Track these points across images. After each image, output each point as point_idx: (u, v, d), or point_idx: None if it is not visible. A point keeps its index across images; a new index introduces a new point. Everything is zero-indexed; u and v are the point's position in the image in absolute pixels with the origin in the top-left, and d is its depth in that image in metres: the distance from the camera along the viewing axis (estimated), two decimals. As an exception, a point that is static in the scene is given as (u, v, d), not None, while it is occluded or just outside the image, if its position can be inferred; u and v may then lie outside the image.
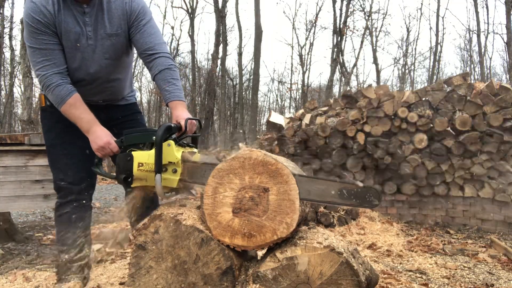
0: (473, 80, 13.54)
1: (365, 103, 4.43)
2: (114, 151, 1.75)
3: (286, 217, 1.35)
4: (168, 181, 1.58)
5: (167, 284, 1.43)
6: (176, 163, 1.57)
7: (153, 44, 1.87)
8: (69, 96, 1.77)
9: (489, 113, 4.11)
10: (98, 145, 1.74)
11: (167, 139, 1.59)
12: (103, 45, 1.86)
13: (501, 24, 30.79)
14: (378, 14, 26.19)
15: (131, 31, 1.90)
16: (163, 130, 1.57)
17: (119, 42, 1.89)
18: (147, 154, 1.60)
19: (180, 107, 1.81)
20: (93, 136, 1.76)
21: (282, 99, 30.81)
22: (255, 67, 15.87)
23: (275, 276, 1.35)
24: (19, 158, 3.17)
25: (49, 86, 1.77)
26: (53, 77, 1.76)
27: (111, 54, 1.90)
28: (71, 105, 1.78)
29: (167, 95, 1.83)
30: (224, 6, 19.41)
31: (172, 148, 1.58)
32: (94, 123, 1.79)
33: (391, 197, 4.57)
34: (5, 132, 17.24)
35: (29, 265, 2.82)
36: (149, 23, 1.91)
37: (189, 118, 1.71)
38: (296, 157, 4.62)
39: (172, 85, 1.83)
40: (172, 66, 1.88)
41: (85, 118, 1.79)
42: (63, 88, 1.77)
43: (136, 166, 1.60)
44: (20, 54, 8.77)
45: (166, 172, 1.58)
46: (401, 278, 2.56)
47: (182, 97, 1.86)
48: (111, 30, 1.85)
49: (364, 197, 1.36)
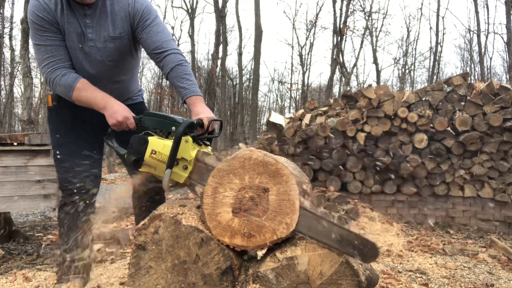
0: (473, 80, 13.55)
1: (365, 103, 4.43)
2: (131, 128, 1.73)
3: (286, 217, 1.35)
4: (176, 176, 1.57)
5: (167, 284, 1.43)
6: (189, 161, 1.56)
7: (161, 42, 1.85)
8: (76, 82, 1.77)
9: (489, 113, 4.11)
10: (116, 120, 1.71)
11: (186, 134, 1.56)
12: (106, 48, 1.85)
13: (501, 24, 30.80)
14: (378, 14, 26.17)
15: (137, 32, 1.88)
16: (185, 126, 1.54)
17: (123, 45, 1.89)
18: (162, 143, 1.57)
19: (199, 102, 1.78)
20: (111, 111, 1.73)
21: (282, 99, 30.81)
22: (255, 67, 15.86)
23: (275, 276, 1.35)
24: (19, 158, 3.17)
25: (55, 79, 1.77)
26: (58, 70, 1.77)
27: (115, 57, 1.89)
28: (80, 90, 1.77)
29: (183, 91, 1.80)
30: (224, 6, 19.40)
31: (189, 145, 1.55)
32: (108, 98, 1.78)
33: (391, 197, 4.57)
34: (5, 132, 17.24)
35: (29, 265, 2.82)
36: (155, 21, 1.89)
37: (213, 119, 1.70)
38: (296, 157, 4.62)
39: (186, 80, 1.81)
40: (183, 62, 1.85)
41: (98, 96, 1.78)
42: (69, 77, 1.77)
43: (149, 152, 1.57)
44: (20, 54, 8.77)
45: (177, 167, 1.56)
46: (401, 278, 2.56)
47: (199, 91, 1.83)
48: (114, 33, 1.84)
49: (362, 250, 1.32)
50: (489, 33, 19.09)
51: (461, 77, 4.35)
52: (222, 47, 19.41)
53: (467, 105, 4.21)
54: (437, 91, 4.31)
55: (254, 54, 16.10)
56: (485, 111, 4.15)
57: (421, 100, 4.34)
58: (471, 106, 4.19)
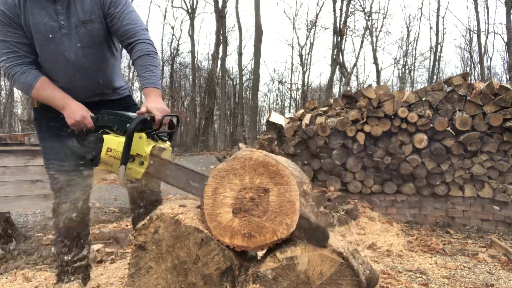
0: (473, 80, 13.54)
1: (365, 103, 4.43)
2: (88, 127, 1.74)
3: (286, 218, 1.35)
4: (133, 171, 1.60)
5: (167, 284, 1.43)
6: (144, 156, 1.58)
7: (134, 32, 1.83)
8: (35, 81, 1.75)
9: (489, 113, 4.11)
10: (74, 120, 1.72)
11: (140, 131, 1.59)
12: (77, 33, 1.79)
13: (501, 24, 30.80)
14: (378, 14, 26.19)
15: (108, 20, 1.83)
16: (137, 122, 1.57)
17: (94, 29, 1.82)
18: (117, 140, 1.60)
19: (154, 95, 1.75)
20: (69, 111, 1.74)
21: (282, 99, 30.80)
22: (255, 67, 15.86)
23: (275, 276, 1.35)
24: (19, 158, 3.17)
25: (14, 76, 1.74)
26: (17, 67, 1.74)
27: (88, 42, 1.82)
28: (39, 89, 1.75)
29: (142, 80, 1.78)
30: (224, 6, 19.42)
31: (143, 141, 1.58)
32: (67, 99, 1.77)
33: (391, 197, 4.57)
34: (5, 132, 17.23)
35: (29, 265, 2.82)
36: (126, 9, 1.84)
37: (168, 114, 1.69)
38: (296, 157, 4.62)
39: (149, 71, 1.79)
40: (152, 53, 1.83)
41: (57, 95, 1.76)
42: (29, 74, 1.75)
43: (104, 150, 1.60)
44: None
45: (133, 163, 1.59)
46: (401, 278, 2.56)
47: (158, 84, 1.80)
48: (84, 17, 1.78)
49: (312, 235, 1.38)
50: (489, 33, 19.10)
51: (461, 77, 4.34)
52: (222, 47, 19.42)
53: (467, 105, 4.21)
54: (437, 91, 4.31)
55: (254, 54, 16.10)
56: (485, 111, 4.15)
57: (421, 100, 4.34)
58: (471, 106, 4.19)
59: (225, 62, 19.76)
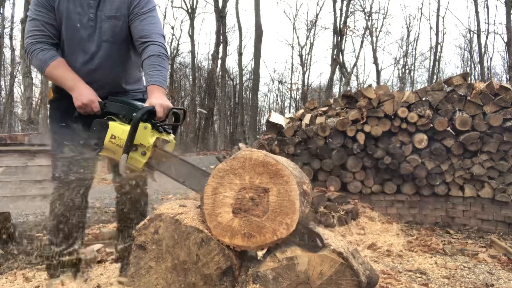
0: (473, 80, 13.55)
1: (365, 103, 4.43)
2: (95, 111, 1.75)
3: (286, 218, 1.35)
4: (134, 161, 1.60)
5: (167, 284, 1.43)
6: (147, 147, 1.58)
7: (150, 33, 1.87)
8: (52, 59, 1.80)
9: (489, 113, 4.11)
10: (81, 102, 1.74)
11: (145, 121, 1.59)
12: (101, 27, 1.87)
13: (501, 24, 30.78)
14: (378, 14, 26.19)
15: (131, 18, 1.90)
16: (143, 112, 1.57)
17: (118, 26, 1.90)
18: (122, 128, 1.60)
19: (157, 92, 1.76)
20: (77, 93, 1.76)
21: (282, 99, 30.81)
22: (255, 67, 15.86)
23: (275, 276, 1.35)
24: (19, 158, 3.17)
25: (34, 52, 1.79)
26: (40, 44, 1.80)
27: (109, 36, 1.89)
28: (54, 66, 1.80)
29: (148, 78, 1.80)
30: (224, 6, 19.41)
31: (147, 131, 1.58)
32: (78, 81, 1.80)
33: (391, 197, 4.57)
34: (5, 132, 17.23)
35: (29, 265, 2.82)
36: (151, 13, 1.92)
37: (174, 108, 1.71)
38: (296, 157, 4.62)
39: (156, 70, 1.81)
40: (162, 55, 1.85)
41: (69, 76, 1.80)
42: (48, 52, 1.80)
43: (108, 136, 1.60)
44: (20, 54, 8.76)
45: (135, 152, 1.59)
46: (401, 278, 2.56)
47: (163, 84, 1.82)
48: (110, 13, 1.87)
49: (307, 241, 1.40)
50: (489, 33, 19.11)
51: (461, 77, 4.34)
52: (222, 47, 19.41)
53: (467, 105, 4.21)
54: (437, 91, 4.31)
55: (254, 54, 16.10)
56: (485, 111, 4.15)
57: (421, 100, 4.34)
58: (471, 106, 4.19)
59: (225, 62, 19.77)
